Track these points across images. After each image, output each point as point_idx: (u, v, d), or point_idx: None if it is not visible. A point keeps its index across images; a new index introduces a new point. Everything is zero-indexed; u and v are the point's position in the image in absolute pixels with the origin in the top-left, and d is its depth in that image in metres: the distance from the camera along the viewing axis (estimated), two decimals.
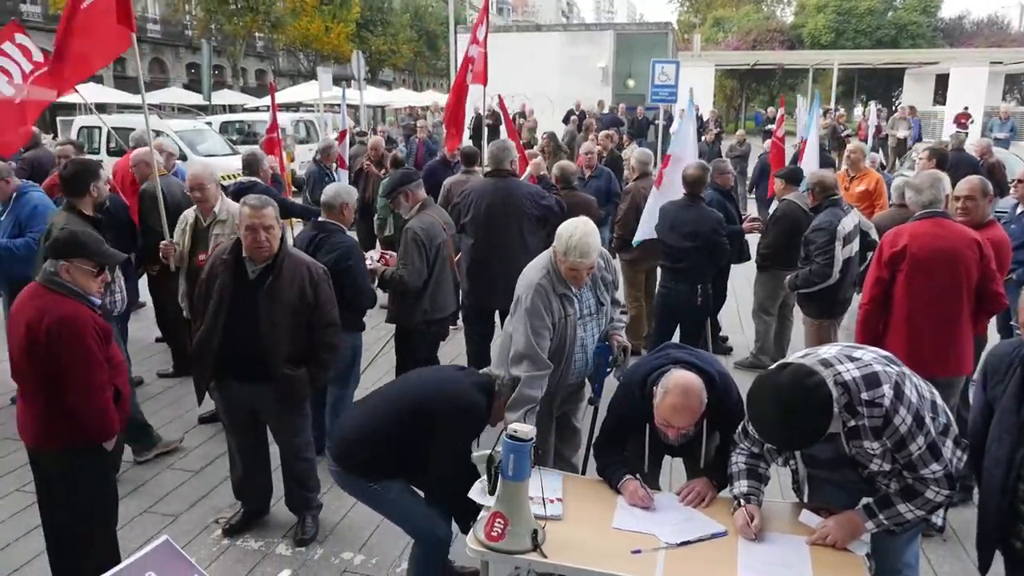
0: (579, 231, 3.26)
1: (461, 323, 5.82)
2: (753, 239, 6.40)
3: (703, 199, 5.68)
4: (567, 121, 18.03)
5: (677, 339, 5.43)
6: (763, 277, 6.29)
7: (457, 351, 6.19)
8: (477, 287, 5.29)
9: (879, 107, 21.99)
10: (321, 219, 4.46)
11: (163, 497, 4.38)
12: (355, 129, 14.62)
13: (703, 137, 14.57)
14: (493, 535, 2.57)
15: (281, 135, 10.20)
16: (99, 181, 4.62)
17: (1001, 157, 10.20)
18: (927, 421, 2.42)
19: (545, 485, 2.76)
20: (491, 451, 2.64)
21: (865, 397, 2.36)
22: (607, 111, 20.09)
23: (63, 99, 5.85)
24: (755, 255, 6.33)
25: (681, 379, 2.79)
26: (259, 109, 24.08)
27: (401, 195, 4.75)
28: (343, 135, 8.62)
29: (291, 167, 12.24)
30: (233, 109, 26.58)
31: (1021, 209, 5.52)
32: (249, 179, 6.33)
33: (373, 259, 4.78)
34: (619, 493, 2.95)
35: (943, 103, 27.24)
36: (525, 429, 2.54)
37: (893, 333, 3.88)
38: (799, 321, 5.87)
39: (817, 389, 2.33)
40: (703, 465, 3.09)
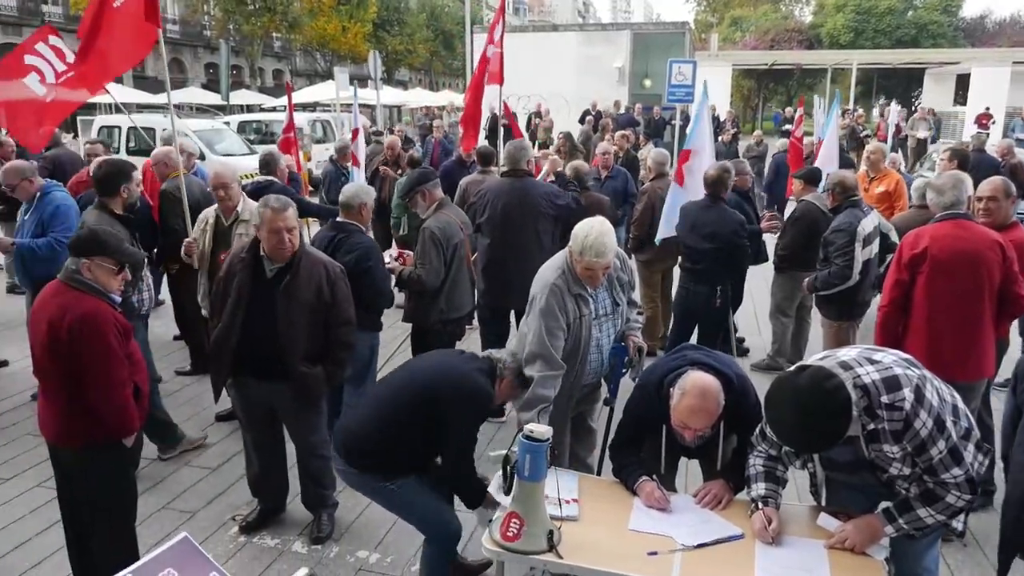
0: (595, 231, 3.25)
1: (476, 323, 5.82)
2: (770, 240, 6.35)
3: (724, 200, 5.62)
4: (583, 121, 17.99)
5: (695, 340, 5.41)
6: (780, 278, 6.24)
7: (472, 351, 6.17)
8: (493, 287, 5.29)
9: (899, 107, 21.80)
10: (340, 219, 4.46)
11: (181, 494, 4.42)
12: (371, 129, 14.66)
13: (720, 137, 14.50)
14: (509, 535, 2.56)
15: (298, 135, 10.26)
16: (130, 183, 4.68)
17: (1023, 158, 10.07)
18: (948, 425, 2.39)
19: (561, 486, 2.75)
20: (507, 451, 2.64)
21: (885, 400, 2.34)
22: (623, 111, 20.04)
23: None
24: (772, 256, 6.29)
25: (698, 380, 2.78)
26: (276, 109, 24.25)
27: (419, 194, 4.76)
28: (355, 133, 8.66)
29: (308, 166, 12.29)
30: (251, 109, 26.76)
31: None
32: (266, 178, 6.37)
33: (392, 257, 4.80)
34: (635, 494, 2.94)
35: (963, 103, 26.96)
36: (541, 429, 2.53)
37: (913, 336, 3.84)
38: (816, 323, 5.83)
39: (836, 392, 2.31)
40: (720, 467, 3.07)
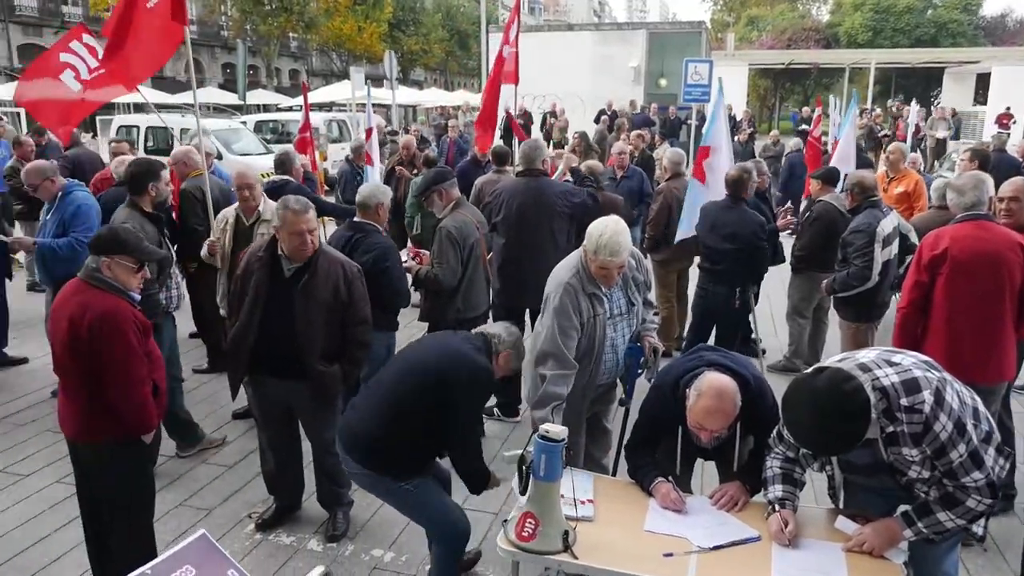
0: (609, 230, 3.24)
1: (492, 322, 5.81)
2: (787, 240, 6.31)
3: (745, 201, 5.57)
4: (598, 121, 17.96)
5: (712, 342, 5.38)
6: (798, 279, 6.20)
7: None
8: (508, 286, 5.29)
9: (918, 107, 21.56)
10: (357, 219, 4.46)
11: (198, 491, 4.45)
12: (387, 128, 14.70)
13: (736, 137, 14.42)
14: (524, 535, 2.56)
15: (314, 134, 10.31)
16: (159, 182, 4.73)
17: None
18: (969, 428, 2.36)
19: (576, 486, 2.75)
20: (523, 451, 2.63)
21: (904, 403, 2.31)
22: (639, 111, 19.99)
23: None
24: (790, 257, 6.25)
25: (715, 381, 2.76)
26: (292, 109, 24.39)
27: (435, 193, 4.76)
28: (369, 133, 8.71)
29: (324, 166, 12.35)
30: (267, 109, 26.95)
31: None
32: (282, 178, 6.40)
33: (408, 256, 4.81)
34: (651, 495, 2.92)
35: (984, 103, 26.63)
36: (556, 430, 2.53)
37: (932, 337, 3.80)
38: (834, 324, 5.78)
39: (855, 394, 2.29)
40: (736, 469, 3.06)
